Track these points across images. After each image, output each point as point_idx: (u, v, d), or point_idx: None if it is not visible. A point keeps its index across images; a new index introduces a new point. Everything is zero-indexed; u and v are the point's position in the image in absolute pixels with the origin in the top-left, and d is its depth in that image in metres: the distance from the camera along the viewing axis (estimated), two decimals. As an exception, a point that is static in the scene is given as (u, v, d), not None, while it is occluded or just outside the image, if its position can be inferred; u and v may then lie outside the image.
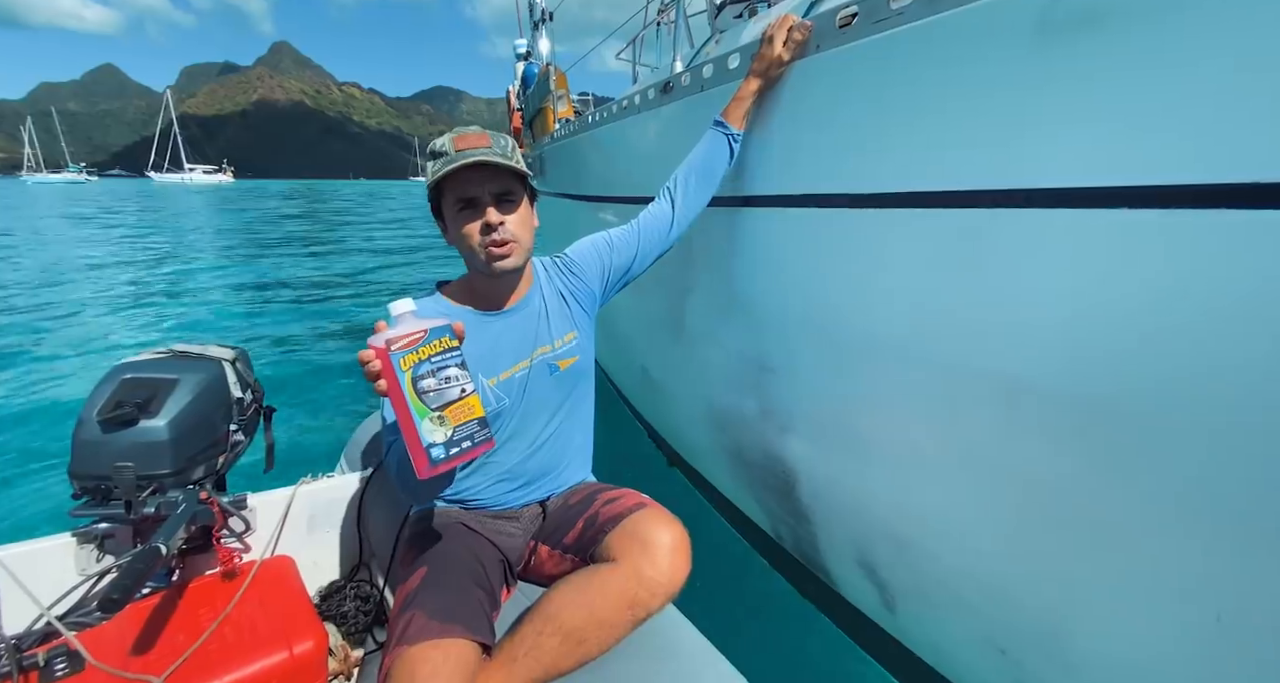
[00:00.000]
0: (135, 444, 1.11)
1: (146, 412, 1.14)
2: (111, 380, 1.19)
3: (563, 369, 1.18)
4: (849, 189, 1.22)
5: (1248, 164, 0.67)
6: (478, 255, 1.06)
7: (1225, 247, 0.70)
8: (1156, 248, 0.76)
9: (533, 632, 0.91)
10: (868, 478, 1.37)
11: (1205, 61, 0.70)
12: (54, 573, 1.15)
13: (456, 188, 1.03)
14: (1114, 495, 0.88)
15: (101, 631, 1.06)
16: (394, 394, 0.79)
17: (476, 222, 1.04)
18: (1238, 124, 0.68)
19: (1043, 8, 0.84)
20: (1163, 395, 0.79)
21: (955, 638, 1.31)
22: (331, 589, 1.44)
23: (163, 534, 0.98)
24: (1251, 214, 0.67)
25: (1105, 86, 0.79)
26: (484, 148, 1.02)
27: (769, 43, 1.30)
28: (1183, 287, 0.74)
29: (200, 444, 1.22)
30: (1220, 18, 0.68)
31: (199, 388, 1.24)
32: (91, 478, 1.10)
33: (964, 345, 1.05)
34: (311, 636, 1.09)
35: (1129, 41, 0.76)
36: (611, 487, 1.17)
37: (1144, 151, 0.77)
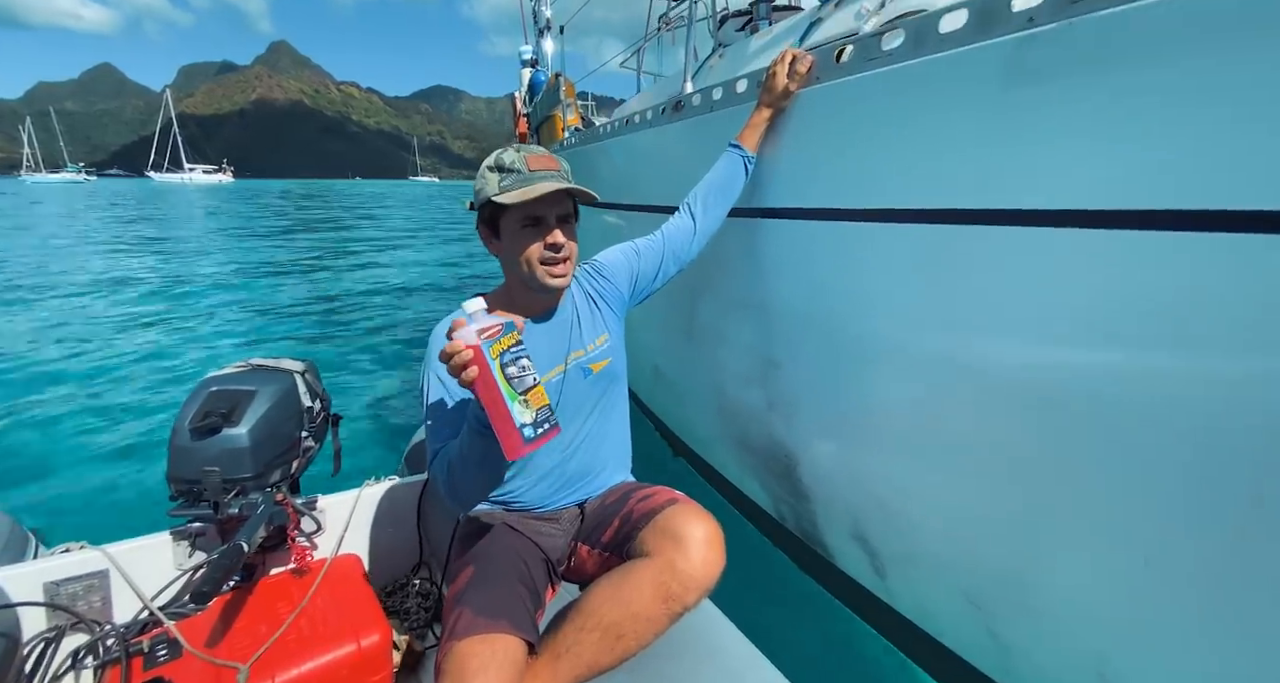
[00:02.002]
0: (221, 450, 1.22)
1: (230, 421, 1.25)
2: (200, 392, 1.31)
3: (596, 372, 1.21)
4: (846, 204, 1.40)
5: (1173, 192, 0.85)
6: (535, 272, 1.09)
7: (1153, 260, 0.89)
8: (1100, 260, 0.95)
9: (573, 629, 0.94)
10: (862, 457, 1.57)
11: (1134, 104, 0.88)
12: (155, 568, 1.28)
13: (526, 206, 1.06)
14: (1065, 464, 1.08)
15: (195, 621, 1.17)
16: (486, 380, 0.84)
17: (539, 241, 1.08)
18: (1166, 156, 0.85)
19: (1008, 57, 1.02)
20: (1104, 381, 0.98)
21: (937, 597, 1.50)
22: (395, 586, 1.53)
23: (244, 533, 1.07)
24: (1175, 235, 0.86)
25: (1059, 124, 0.97)
26: (555, 172, 1.07)
27: (774, 76, 1.45)
28: (1122, 292, 0.94)
29: (276, 450, 1.33)
30: (1142, 73, 0.87)
31: (274, 398, 1.35)
32: (185, 481, 1.21)
33: (942, 340, 1.24)
34: (377, 630, 1.17)
35: (1076, 87, 0.94)
36: (646, 485, 1.19)
37: (1088, 179, 0.95)
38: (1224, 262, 0.82)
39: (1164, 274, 0.88)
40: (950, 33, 1.10)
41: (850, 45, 1.33)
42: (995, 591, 1.30)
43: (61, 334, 6.06)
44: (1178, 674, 1.01)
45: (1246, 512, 0.85)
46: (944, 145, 1.16)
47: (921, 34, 1.16)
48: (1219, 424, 0.86)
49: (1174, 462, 0.92)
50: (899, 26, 1.21)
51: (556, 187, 1.04)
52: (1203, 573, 0.93)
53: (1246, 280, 0.80)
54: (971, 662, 1.46)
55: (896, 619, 1.66)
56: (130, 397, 4.39)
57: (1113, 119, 0.90)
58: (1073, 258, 0.98)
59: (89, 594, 1.22)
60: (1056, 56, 0.95)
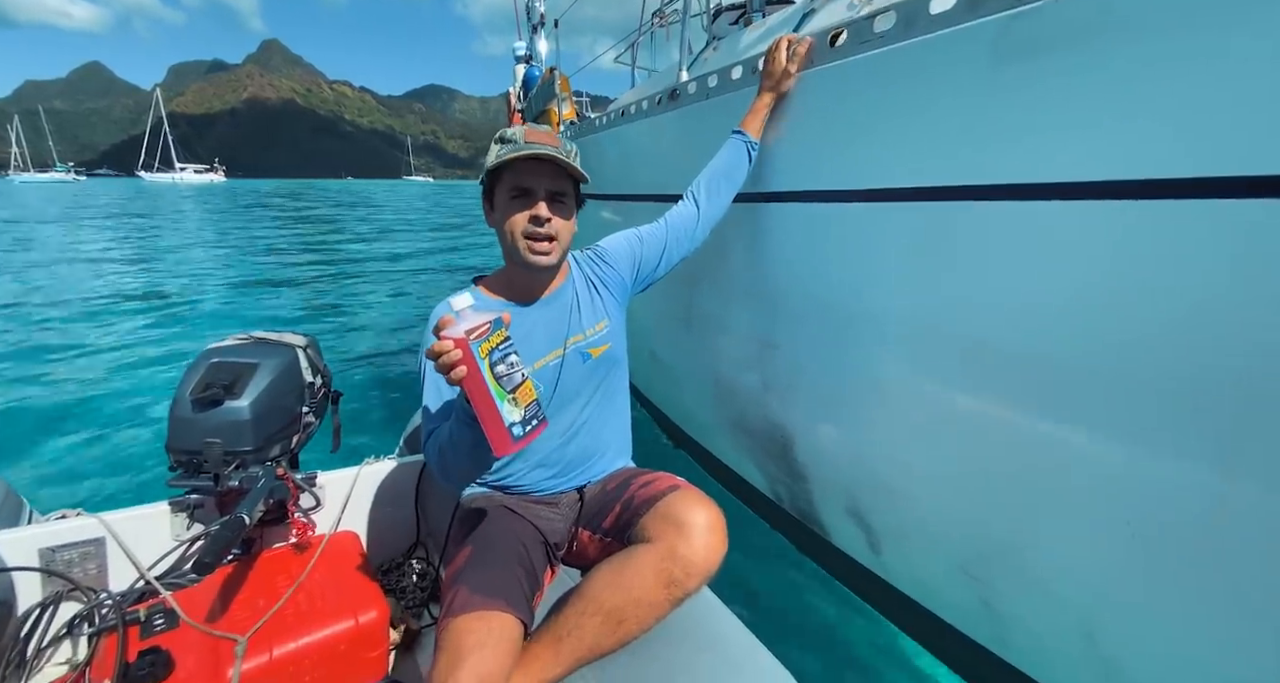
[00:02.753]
0: (222, 423, 1.21)
1: (231, 393, 1.24)
2: (201, 364, 1.30)
3: (595, 357, 1.20)
4: (841, 185, 1.42)
5: (1155, 163, 0.88)
6: (518, 244, 1.09)
7: (1147, 229, 0.91)
8: (1092, 231, 0.97)
9: (575, 613, 0.94)
10: (857, 435, 1.59)
11: (1120, 76, 0.90)
12: (153, 538, 1.27)
13: (516, 175, 1.07)
14: (1053, 435, 1.10)
15: (193, 592, 1.17)
16: (475, 380, 0.83)
17: (525, 212, 1.07)
18: (1153, 125, 0.87)
19: (995, 36, 1.04)
20: (1094, 354, 1.00)
21: (932, 570, 1.51)
22: (392, 565, 1.53)
23: (245, 506, 1.07)
24: (1167, 203, 0.87)
25: (1045, 100, 1.00)
26: (553, 146, 1.06)
27: (773, 60, 1.45)
28: (1106, 262, 0.96)
29: (277, 424, 1.32)
30: (1124, 50, 0.89)
31: (276, 372, 1.34)
32: (185, 453, 1.20)
33: (935, 315, 1.26)
34: (375, 607, 1.17)
35: (1060, 64, 0.97)
36: (647, 471, 1.18)
37: (1079, 152, 0.97)
38: (1220, 229, 0.82)
39: (1156, 244, 0.89)
40: (940, 13, 1.13)
41: (845, 28, 1.34)
42: (990, 562, 1.33)
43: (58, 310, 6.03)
44: (1158, 634, 1.05)
45: (1223, 479, 0.89)
46: (938, 124, 1.17)
47: (912, 16, 1.18)
48: (1199, 396, 0.89)
49: (1156, 432, 0.95)
50: (889, 9, 1.23)
51: (541, 152, 1.03)
52: (1182, 538, 0.97)
53: (1241, 248, 0.81)
54: (966, 632, 1.49)
55: (893, 595, 1.69)
56: (129, 368, 4.37)
57: (1101, 91, 0.92)
58: (1066, 230, 1.00)
59: (85, 562, 1.21)
60: (1044, 32, 0.97)
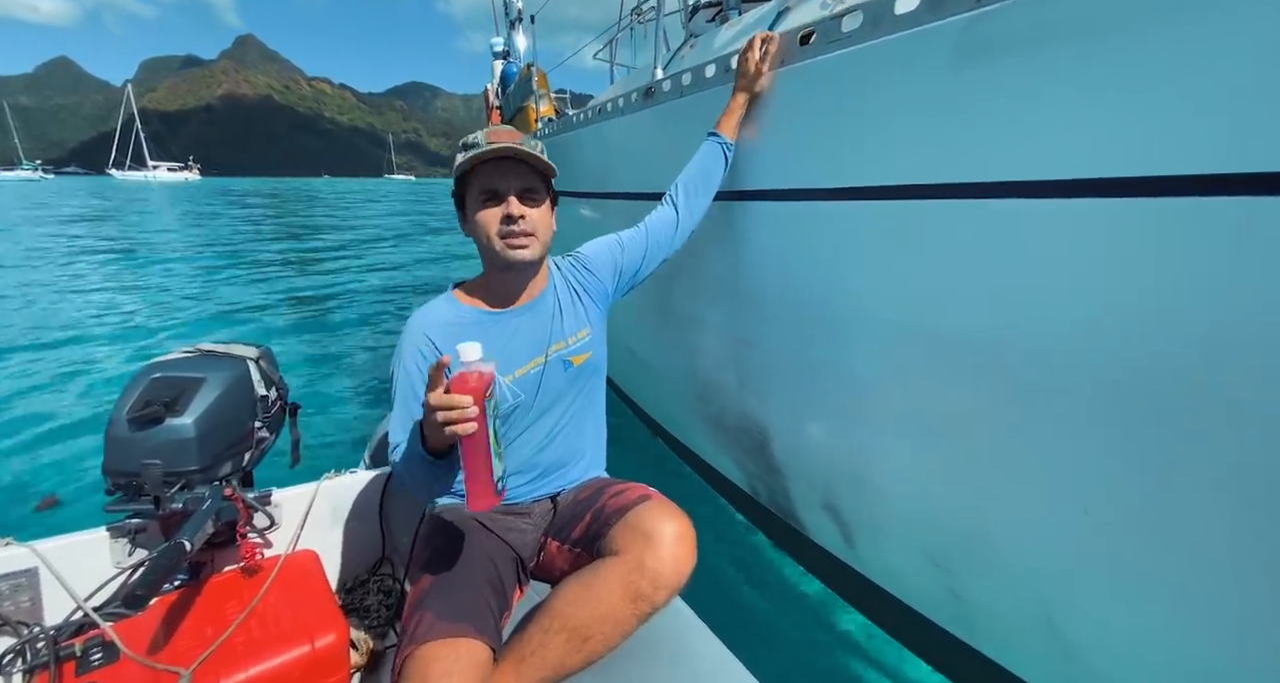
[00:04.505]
0: (163, 442, 1.14)
1: (174, 410, 1.17)
2: (141, 380, 1.22)
3: (576, 365, 1.18)
4: (813, 184, 1.43)
5: (1114, 162, 0.89)
6: (494, 245, 1.06)
7: (1103, 226, 0.92)
8: (1047, 229, 0.99)
9: (539, 630, 0.91)
10: (831, 429, 1.62)
11: (1080, 76, 0.91)
12: (90, 566, 1.19)
13: (483, 178, 1.05)
14: (1016, 425, 1.13)
15: (134, 622, 1.10)
16: (480, 439, 0.80)
17: (496, 210, 1.05)
18: (1105, 128, 0.89)
19: (958, 37, 1.06)
20: (1053, 345, 1.02)
21: (902, 560, 1.55)
22: (354, 583, 1.47)
23: (187, 530, 1.00)
24: (1127, 202, 0.89)
25: (1006, 100, 1.02)
26: (515, 143, 1.05)
27: (745, 59, 1.46)
28: (1066, 258, 0.98)
29: (226, 441, 1.25)
30: (1081, 51, 0.90)
31: (224, 386, 1.27)
32: (123, 475, 1.13)
33: (903, 312, 1.29)
34: (333, 629, 1.11)
35: (1020, 65, 0.99)
36: (619, 481, 1.17)
37: (1040, 151, 0.98)
38: (1173, 227, 0.84)
39: (1112, 241, 0.91)
40: (905, 14, 1.14)
41: (815, 28, 1.35)
42: (956, 550, 1.37)
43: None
44: (1116, 617, 1.09)
45: (1173, 460, 0.92)
46: (905, 123, 1.19)
47: (878, 15, 1.19)
48: (1151, 386, 0.92)
49: (1110, 421, 0.98)
50: (857, 8, 1.24)
51: (502, 150, 1.01)
52: (1135, 519, 1.00)
53: (1191, 245, 0.82)
54: (936, 621, 1.53)
55: (865, 586, 1.72)
56: (68, 383, 4.16)
57: (1060, 91, 0.94)
58: (1025, 227, 1.03)
59: (15, 594, 1.14)
60: (1003, 33, 0.99)
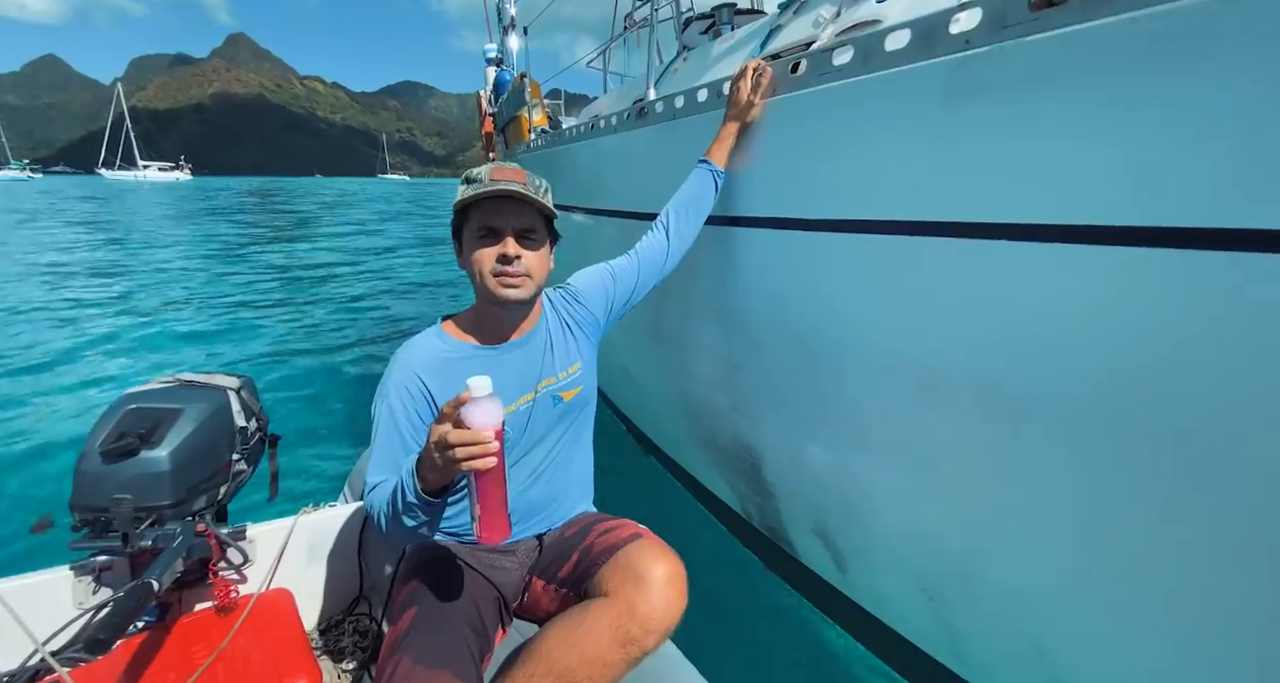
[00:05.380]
0: (135, 476, 1.11)
1: (149, 443, 1.14)
2: (116, 411, 1.20)
3: (566, 401, 1.17)
4: (804, 214, 1.45)
5: (1094, 209, 0.90)
6: (487, 282, 1.06)
7: (1071, 270, 0.95)
8: (1033, 270, 1.00)
9: (524, 675, 0.87)
10: (822, 455, 1.62)
11: (1064, 122, 0.92)
12: (51, 607, 1.14)
13: (482, 214, 1.05)
14: (1002, 457, 1.14)
15: (95, 668, 1.04)
16: (498, 474, 0.80)
17: (493, 250, 1.05)
18: (1094, 172, 0.89)
19: (948, 75, 1.06)
20: (1039, 380, 1.03)
21: (893, 587, 1.56)
22: (330, 623, 1.42)
23: (156, 569, 0.97)
24: (1102, 249, 0.90)
25: (991, 143, 1.02)
26: (518, 183, 1.05)
27: (737, 89, 1.48)
28: (1049, 298, 0.99)
29: (201, 475, 1.22)
30: (1071, 93, 0.91)
31: (202, 418, 1.24)
32: (90, 510, 1.09)
33: (892, 343, 1.30)
34: (305, 674, 1.07)
35: (1006, 107, 0.99)
36: (609, 517, 1.14)
37: (1016, 196, 1.00)
38: (1152, 274, 0.86)
39: (1093, 284, 0.93)
40: (895, 51, 1.16)
41: (804, 59, 1.37)
42: (946, 580, 1.36)
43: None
44: (1105, 650, 1.09)
45: (1165, 498, 0.92)
46: (893, 158, 1.20)
47: (869, 51, 1.21)
48: (1134, 420, 0.92)
49: (1099, 454, 0.98)
50: (848, 43, 1.26)
51: (504, 190, 1.02)
52: (1125, 550, 1.00)
53: (1172, 292, 0.84)
54: (925, 649, 1.51)
55: (857, 612, 1.71)
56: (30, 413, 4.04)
57: (1043, 138, 0.95)
58: (1007, 268, 1.04)
59: None
60: (994, 76, 0.99)
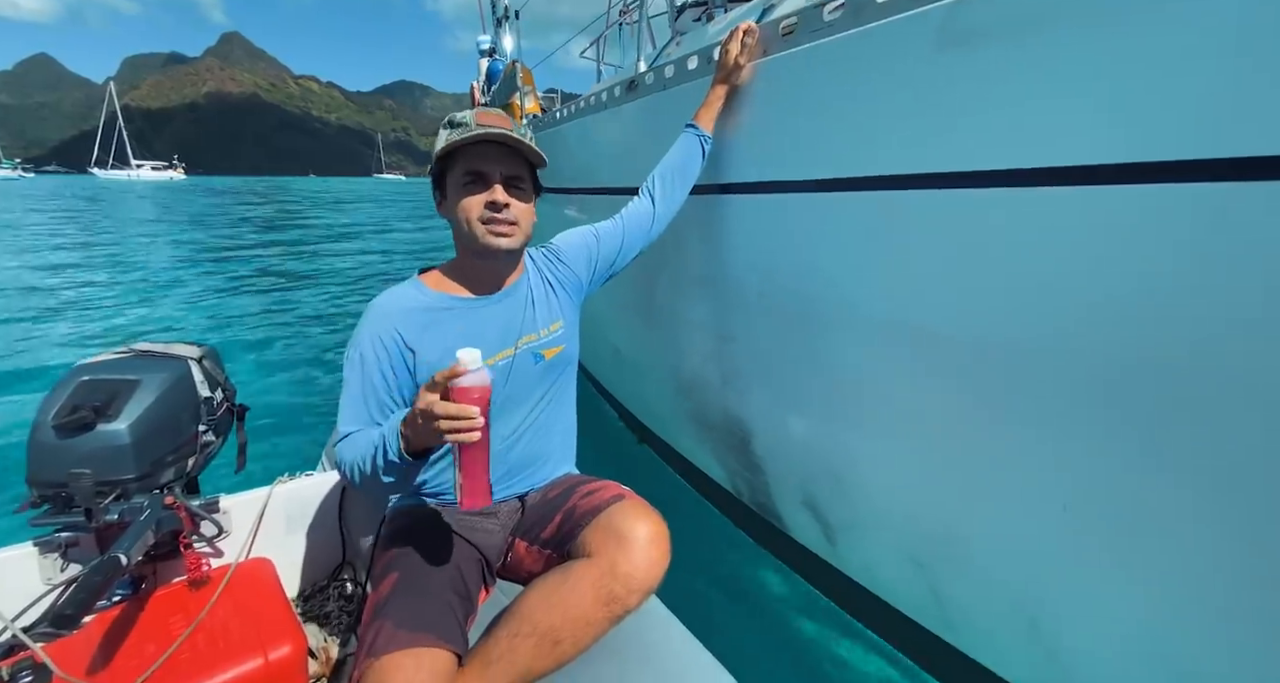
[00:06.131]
0: (93, 450, 1.07)
1: (105, 415, 1.09)
2: (68, 384, 1.14)
3: (548, 359, 1.15)
4: (794, 176, 1.41)
5: (1096, 150, 0.88)
6: (475, 230, 1.03)
7: (1083, 216, 0.92)
8: (1029, 219, 0.98)
9: (507, 635, 0.88)
10: (811, 427, 1.62)
11: (1056, 68, 0.91)
12: (17, 584, 1.11)
13: (469, 160, 1.01)
14: (996, 422, 1.13)
15: (69, 642, 1.03)
16: (482, 446, 0.83)
17: (481, 196, 1.02)
18: (1087, 116, 0.88)
19: (941, 23, 1.04)
20: (1034, 341, 1.02)
21: (883, 558, 1.57)
22: (313, 590, 1.41)
23: (123, 543, 0.94)
24: (1094, 189, 0.89)
25: (988, 88, 1.00)
26: (506, 128, 1.01)
27: (725, 51, 1.45)
28: (1048, 250, 0.96)
29: (166, 447, 1.18)
30: (1064, 37, 0.89)
31: (163, 388, 1.19)
32: (49, 486, 1.05)
33: (885, 306, 1.27)
34: (289, 640, 1.06)
35: (999, 52, 0.97)
36: (592, 479, 1.14)
37: (1020, 139, 0.97)
38: (1159, 216, 0.83)
39: (1095, 232, 0.90)
40: (886, 2, 1.12)
41: (796, 17, 1.33)
42: (936, 549, 1.37)
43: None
44: (1096, 616, 1.10)
45: (1154, 458, 0.92)
46: (887, 112, 1.18)
47: (860, 4, 1.17)
48: (1128, 383, 0.92)
49: (1090, 419, 0.98)
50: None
51: (493, 134, 0.98)
52: (1115, 518, 1.00)
53: (1177, 236, 0.82)
54: (917, 620, 1.53)
55: (846, 583, 1.73)
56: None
57: (1041, 78, 0.93)
58: (1006, 218, 1.02)
59: None
60: (986, 21, 0.97)
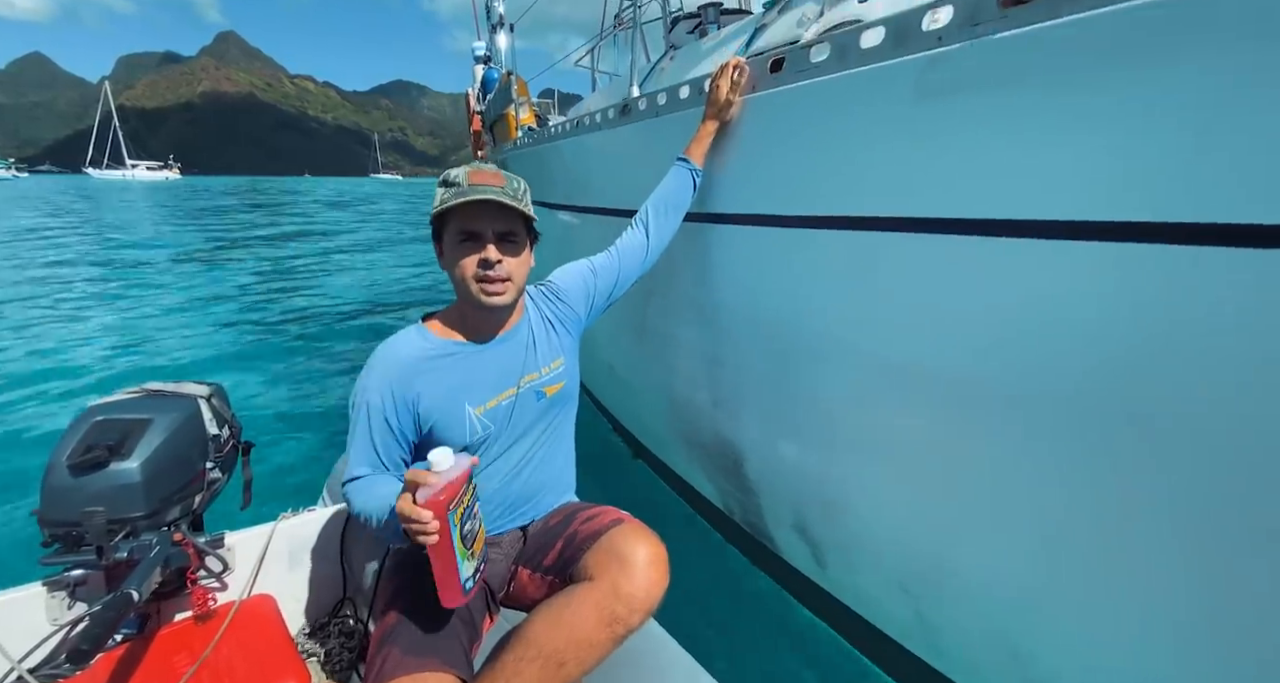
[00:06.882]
0: (106, 488, 1.10)
1: (118, 454, 1.13)
2: (83, 423, 1.17)
3: (550, 396, 1.19)
4: (782, 210, 1.46)
5: (1062, 205, 0.93)
6: (470, 287, 1.06)
7: (1039, 265, 0.97)
8: (1006, 265, 1.02)
9: (513, 659, 0.90)
10: (801, 452, 1.64)
11: (1031, 119, 0.94)
12: (25, 624, 1.12)
13: (462, 219, 1.05)
14: (974, 452, 1.16)
15: (75, 682, 1.04)
16: (443, 546, 0.86)
17: (475, 255, 1.05)
18: (1060, 168, 0.92)
19: (919, 73, 1.08)
20: (1006, 375, 1.06)
21: (871, 582, 1.60)
22: (315, 626, 1.42)
23: (134, 580, 0.96)
24: (1072, 244, 0.93)
25: (961, 140, 1.04)
26: (497, 187, 1.04)
27: (716, 88, 1.49)
28: (1018, 293, 1.01)
29: (175, 485, 1.21)
30: (1039, 89, 0.93)
31: (173, 427, 1.23)
32: (61, 525, 1.08)
33: (865, 338, 1.32)
34: (292, 676, 1.07)
35: (978, 104, 1.01)
36: (591, 505, 1.17)
37: (993, 190, 1.02)
38: (1114, 268, 0.89)
39: (1059, 279, 0.95)
40: (870, 48, 1.17)
41: (784, 56, 1.38)
42: (922, 576, 1.38)
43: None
44: (1078, 646, 1.11)
45: (1136, 489, 0.94)
46: (869, 155, 1.22)
47: (845, 48, 1.22)
48: (1103, 416, 0.95)
49: (1072, 452, 1.01)
50: (825, 40, 1.27)
51: (485, 197, 1.02)
52: (1097, 547, 1.02)
53: (1146, 285, 0.86)
54: (903, 643, 1.54)
55: (836, 607, 1.74)
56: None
57: (1017, 132, 0.97)
58: (978, 263, 1.06)
59: None
60: (966, 73, 1.01)
